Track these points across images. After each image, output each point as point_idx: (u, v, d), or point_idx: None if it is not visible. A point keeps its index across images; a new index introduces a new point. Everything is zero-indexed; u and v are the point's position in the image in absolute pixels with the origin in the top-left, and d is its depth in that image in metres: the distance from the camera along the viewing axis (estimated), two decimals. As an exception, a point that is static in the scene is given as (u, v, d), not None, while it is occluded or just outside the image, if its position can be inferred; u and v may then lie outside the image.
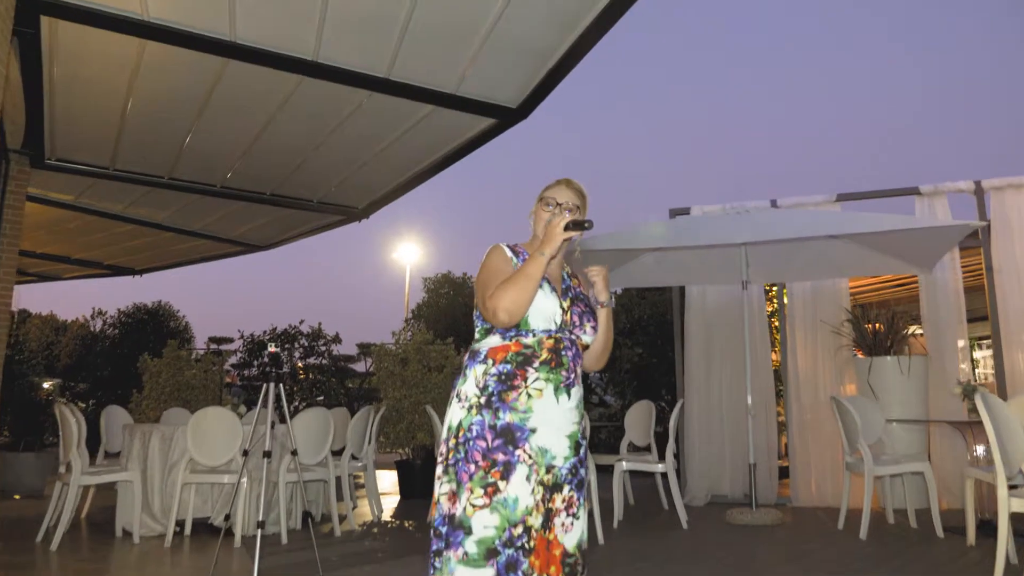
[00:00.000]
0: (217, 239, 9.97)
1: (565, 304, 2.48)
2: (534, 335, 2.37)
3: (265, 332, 13.58)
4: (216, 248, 10.52)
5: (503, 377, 2.30)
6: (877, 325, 6.60)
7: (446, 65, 5.37)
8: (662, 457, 6.08)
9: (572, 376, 2.39)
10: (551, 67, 5.34)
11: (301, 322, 13.88)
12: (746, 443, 6.43)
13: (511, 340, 2.37)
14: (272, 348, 4.33)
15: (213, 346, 13.50)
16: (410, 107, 5.93)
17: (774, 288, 8.61)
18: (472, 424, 2.27)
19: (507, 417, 2.26)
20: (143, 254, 11.12)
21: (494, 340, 2.40)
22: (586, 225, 2.33)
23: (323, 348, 13.97)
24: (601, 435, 11.17)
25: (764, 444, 7.02)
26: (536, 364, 2.33)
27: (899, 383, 6.40)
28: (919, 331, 7.00)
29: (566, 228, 2.32)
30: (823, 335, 6.94)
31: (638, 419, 6.61)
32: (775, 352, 8.41)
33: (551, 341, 2.37)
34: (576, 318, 2.48)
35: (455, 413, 2.33)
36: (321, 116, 6.18)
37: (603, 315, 2.57)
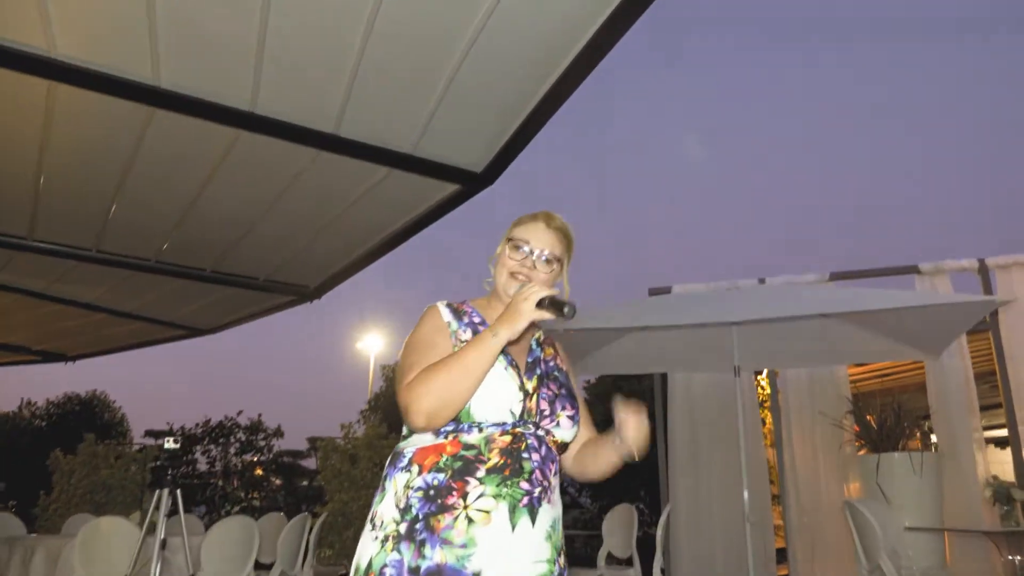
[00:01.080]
0: (156, 321, 9.11)
1: (530, 384, 1.76)
2: (480, 430, 1.65)
3: (198, 425, 12.51)
4: (156, 332, 9.64)
5: (432, 493, 1.58)
6: (883, 417, 5.93)
7: (401, 120, 4.78)
8: (647, 571, 5.24)
9: (538, 491, 1.66)
10: (519, 124, 4.78)
11: (239, 413, 12.84)
12: (743, 554, 5.60)
13: (447, 438, 1.65)
14: (169, 443, 3.50)
15: (148, 440, 12.36)
16: (363, 169, 5.30)
17: (761, 375, 7.96)
18: (386, 567, 1.50)
19: (437, 556, 1.52)
20: (74, 338, 10.18)
21: (424, 438, 1.67)
22: (566, 311, 1.63)
23: (262, 443, 12.88)
24: (576, 544, 10.12)
25: (762, 553, 6.19)
26: (481, 473, 1.61)
27: (911, 483, 5.68)
28: (928, 423, 6.34)
29: (539, 305, 1.64)
30: (822, 428, 6.24)
31: (618, 526, 5.78)
32: (769, 447, 7.68)
33: (506, 438, 1.66)
34: (545, 405, 1.77)
35: (365, 547, 1.57)
36: (263, 178, 5.53)
37: (614, 455, 1.82)
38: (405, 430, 1.76)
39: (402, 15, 3.81)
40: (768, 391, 7.87)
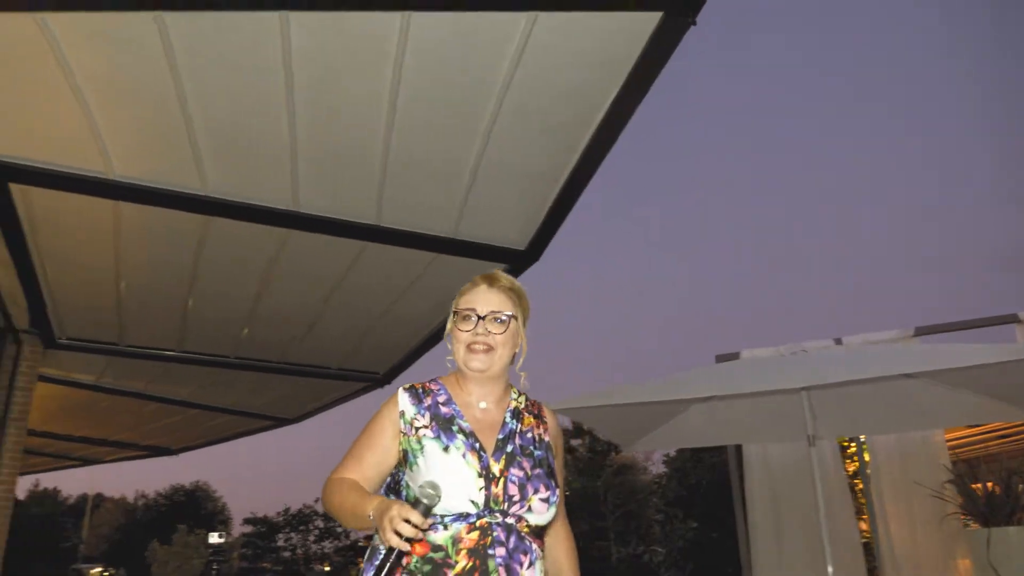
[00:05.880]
0: (244, 414, 9.50)
1: (496, 467, 1.65)
2: (445, 526, 1.56)
3: (278, 513, 12.73)
4: (245, 423, 10.03)
5: None
6: (990, 486, 5.31)
7: (437, 205, 4.85)
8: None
9: None
10: (554, 199, 4.75)
11: (316, 500, 12.95)
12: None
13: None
14: (214, 537, 3.51)
15: (247, 528, 12.67)
16: (409, 256, 5.39)
17: (853, 444, 7.36)
18: None
19: None
20: (176, 433, 10.73)
21: None
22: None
23: (340, 529, 12.89)
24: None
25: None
26: None
27: (1031, 560, 5.02)
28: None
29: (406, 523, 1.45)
30: (920, 499, 5.64)
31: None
32: (863, 521, 7.02)
33: (473, 536, 1.56)
34: (515, 489, 1.64)
35: None
36: (318, 272, 5.71)
37: None
38: None
39: (418, 109, 3.90)
40: (856, 461, 7.27)
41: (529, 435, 1.78)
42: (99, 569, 13.32)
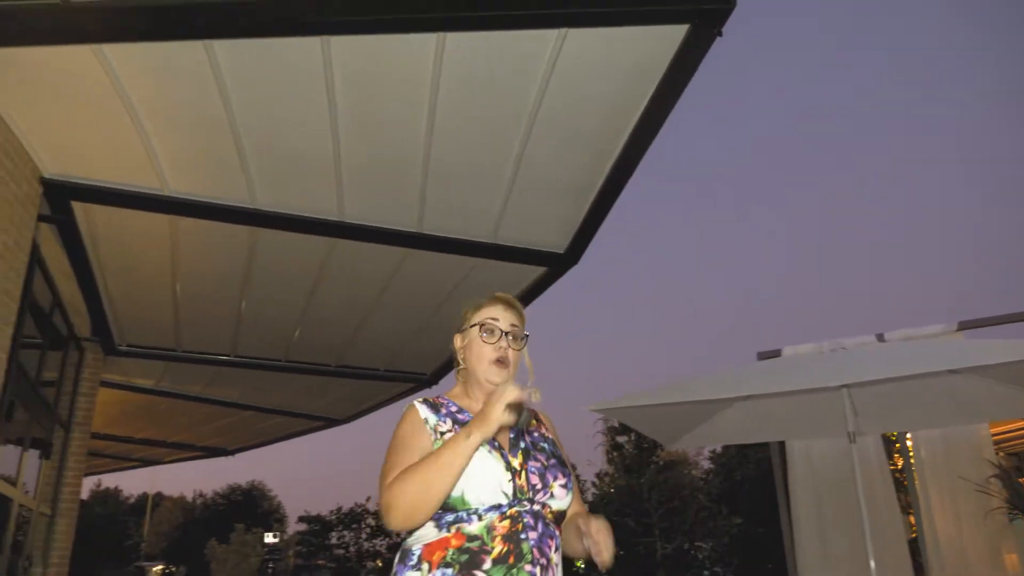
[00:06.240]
0: (296, 415, 9.78)
1: (515, 461, 1.79)
2: (480, 518, 1.69)
3: (331, 512, 13.03)
4: (297, 424, 10.33)
5: None
6: (1038, 479, 5.25)
7: (476, 212, 4.98)
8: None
9: (538, 572, 1.68)
10: (591, 203, 4.84)
11: (368, 499, 13.23)
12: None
13: (450, 530, 1.69)
14: (268, 537, 3.69)
15: (302, 526, 13.03)
16: (451, 262, 5.54)
17: (893, 437, 7.28)
18: None
19: None
20: (231, 434, 11.09)
21: (428, 533, 1.72)
22: (520, 421, 1.71)
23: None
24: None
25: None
26: (487, 565, 1.64)
27: (1082, 555, 4.96)
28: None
29: (506, 407, 1.68)
30: (965, 494, 5.59)
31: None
32: (909, 515, 6.95)
33: (505, 524, 1.69)
34: (536, 478, 1.79)
35: None
36: (364, 279, 5.90)
37: (580, 550, 1.83)
38: None
39: (455, 123, 4.03)
40: (902, 457, 7.19)
41: (535, 433, 1.92)
42: (160, 567, 13.83)
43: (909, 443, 6.20)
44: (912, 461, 6.08)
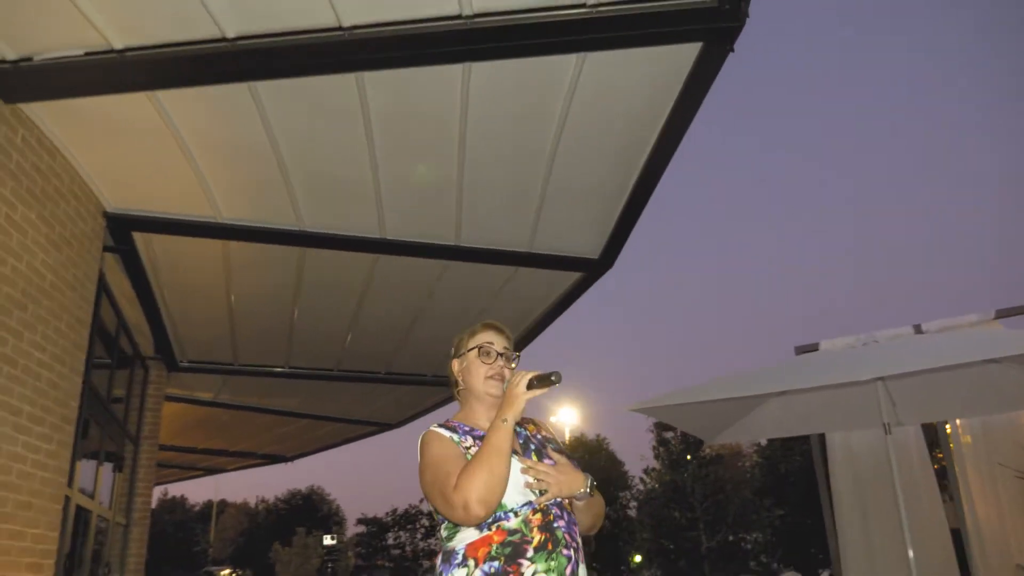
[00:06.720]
0: (350, 421, 10.10)
1: (533, 462, 1.99)
2: (516, 515, 1.89)
3: (387, 513, 13.34)
4: (351, 430, 10.66)
5: None
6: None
7: (512, 224, 5.17)
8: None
9: (572, 553, 1.88)
10: (622, 208, 4.98)
11: (421, 500, 13.52)
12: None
13: (490, 529, 1.88)
14: (327, 539, 3.95)
15: (360, 528, 13.39)
16: (491, 272, 5.75)
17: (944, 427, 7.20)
18: None
19: None
20: (289, 442, 11.49)
21: (469, 534, 1.92)
22: (553, 379, 1.90)
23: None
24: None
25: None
26: (530, 553, 1.84)
27: None
28: None
29: (529, 387, 1.91)
30: (1006, 482, 5.56)
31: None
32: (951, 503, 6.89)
33: (538, 516, 1.89)
34: None
35: None
36: (407, 291, 6.14)
37: (590, 502, 2.05)
38: (445, 531, 1.99)
39: (486, 143, 4.22)
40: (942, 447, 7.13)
41: (539, 436, 2.11)
42: (228, 571, 14.36)
43: (948, 431, 6.18)
44: (952, 447, 6.07)
